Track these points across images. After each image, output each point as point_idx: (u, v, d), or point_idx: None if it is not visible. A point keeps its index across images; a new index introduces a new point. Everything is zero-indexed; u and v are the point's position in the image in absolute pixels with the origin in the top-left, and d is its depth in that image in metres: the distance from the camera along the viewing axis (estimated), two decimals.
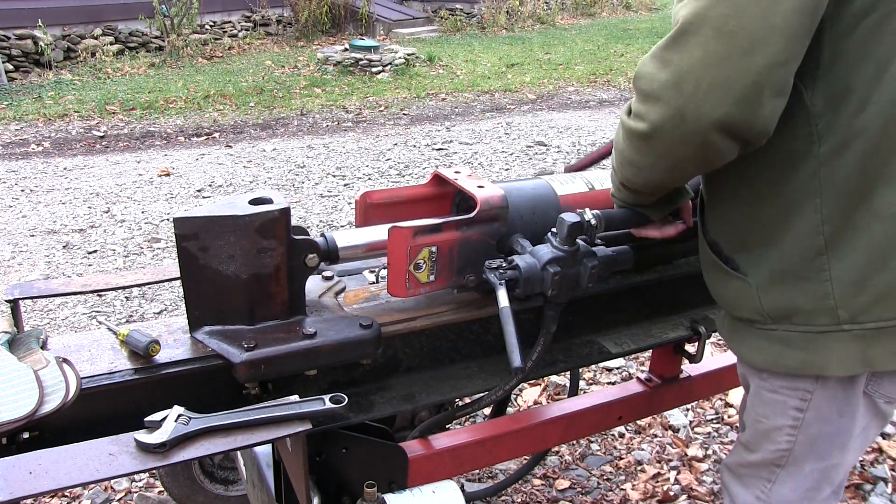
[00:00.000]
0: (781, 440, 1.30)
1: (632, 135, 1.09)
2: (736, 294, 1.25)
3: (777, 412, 1.27)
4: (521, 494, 2.44)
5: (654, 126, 1.03)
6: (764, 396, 1.29)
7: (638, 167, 1.16)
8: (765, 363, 1.23)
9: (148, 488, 2.46)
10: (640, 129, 1.06)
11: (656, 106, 1.02)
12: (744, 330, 1.27)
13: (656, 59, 1.01)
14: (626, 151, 1.15)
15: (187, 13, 10.50)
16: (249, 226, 1.28)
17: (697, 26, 0.95)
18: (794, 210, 1.12)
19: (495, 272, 1.34)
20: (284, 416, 1.19)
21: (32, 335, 1.31)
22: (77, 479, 1.03)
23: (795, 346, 1.18)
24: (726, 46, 0.94)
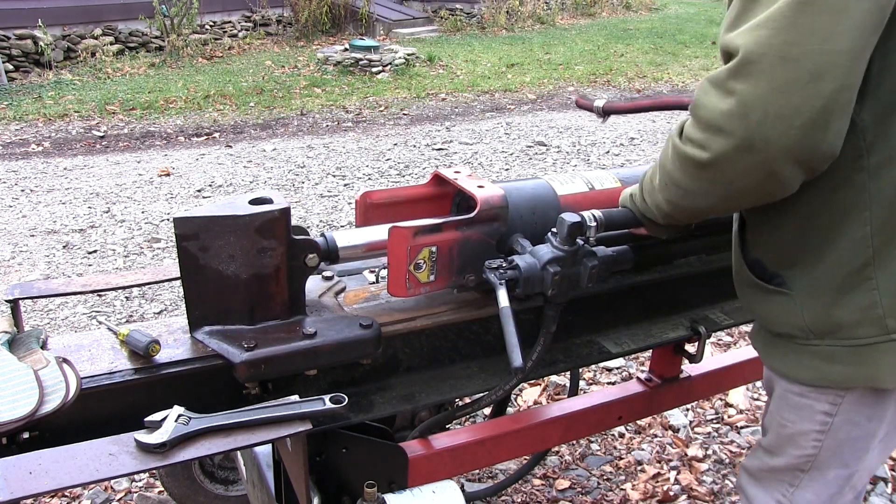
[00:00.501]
0: (807, 445, 1.29)
1: (688, 161, 1.08)
2: (777, 310, 1.25)
3: (804, 417, 1.27)
4: (521, 494, 2.44)
5: (717, 156, 1.02)
6: (791, 400, 1.28)
7: (687, 191, 1.15)
8: (809, 378, 1.23)
9: (148, 488, 2.46)
10: (699, 157, 1.05)
11: (719, 136, 1.00)
12: (783, 345, 1.27)
13: (718, 88, 1.00)
14: (675, 175, 1.14)
15: (187, 13, 10.50)
16: (249, 226, 1.28)
17: (761, 55, 0.95)
18: (843, 223, 1.13)
19: (495, 272, 1.34)
20: (285, 416, 1.19)
21: (32, 335, 1.31)
22: (77, 479, 1.03)
23: (840, 361, 1.18)
24: (793, 74, 0.93)
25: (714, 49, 12.44)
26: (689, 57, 11.80)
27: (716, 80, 1.01)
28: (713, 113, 1.00)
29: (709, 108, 1.01)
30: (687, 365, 1.97)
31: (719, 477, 2.56)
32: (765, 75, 0.95)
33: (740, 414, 2.91)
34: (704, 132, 1.03)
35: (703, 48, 12.55)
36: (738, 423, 2.85)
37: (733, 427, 2.83)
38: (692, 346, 1.87)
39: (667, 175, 1.17)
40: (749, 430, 2.80)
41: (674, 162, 1.12)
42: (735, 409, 2.94)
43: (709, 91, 1.02)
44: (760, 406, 2.97)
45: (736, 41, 0.98)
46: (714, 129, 1.01)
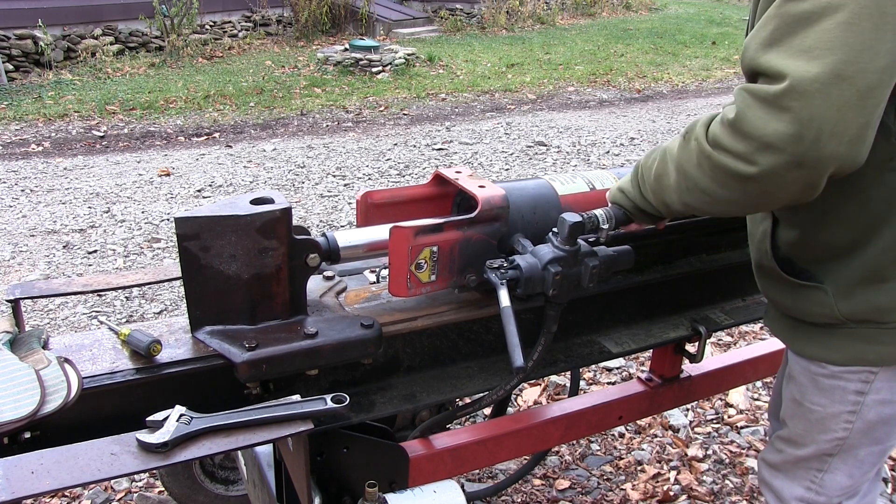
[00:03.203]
0: (838, 428, 1.32)
1: (727, 173, 1.07)
2: (808, 302, 1.28)
3: (835, 399, 1.30)
4: (522, 494, 2.44)
5: (765, 171, 1.02)
6: (821, 384, 1.31)
7: (716, 199, 1.13)
8: (843, 359, 1.26)
9: (148, 488, 2.46)
10: (743, 171, 1.04)
11: (769, 153, 1.00)
12: (813, 330, 1.30)
13: (768, 105, 1.00)
14: (704, 182, 1.12)
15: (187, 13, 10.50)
16: (251, 226, 1.28)
17: (816, 75, 0.96)
18: (878, 221, 1.17)
19: (496, 272, 1.34)
20: (286, 415, 1.19)
21: (34, 335, 1.31)
22: (79, 479, 1.03)
23: (878, 342, 1.22)
24: (847, 93, 0.96)
25: (714, 49, 12.44)
26: (689, 57, 11.80)
27: (765, 97, 1.00)
28: (763, 130, 1.00)
29: (756, 124, 1.00)
30: (687, 365, 1.97)
31: (719, 477, 2.56)
32: (820, 95, 0.96)
33: (740, 414, 2.91)
34: (750, 146, 1.02)
35: (703, 48, 12.55)
36: (738, 423, 2.85)
37: (733, 427, 2.83)
38: (692, 346, 1.87)
39: (690, 180, 1.15)
40: (749, 430, 2.80)
41: (704, 170, 1.10)
42: (735, 409, 2.94)
43: (754, 106, 1.01)
44: (760, 406, 2.97)
45: (783, 63, 0.98)
46: (763, 144, 1.00)
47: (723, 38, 13.50)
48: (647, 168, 1.30)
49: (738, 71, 10.93)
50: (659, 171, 1.24)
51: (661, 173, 1.23)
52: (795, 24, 0.99)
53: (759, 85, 1.01)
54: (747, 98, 1.02)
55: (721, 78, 10.50)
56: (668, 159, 1.20)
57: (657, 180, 1.25)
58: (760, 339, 3.43)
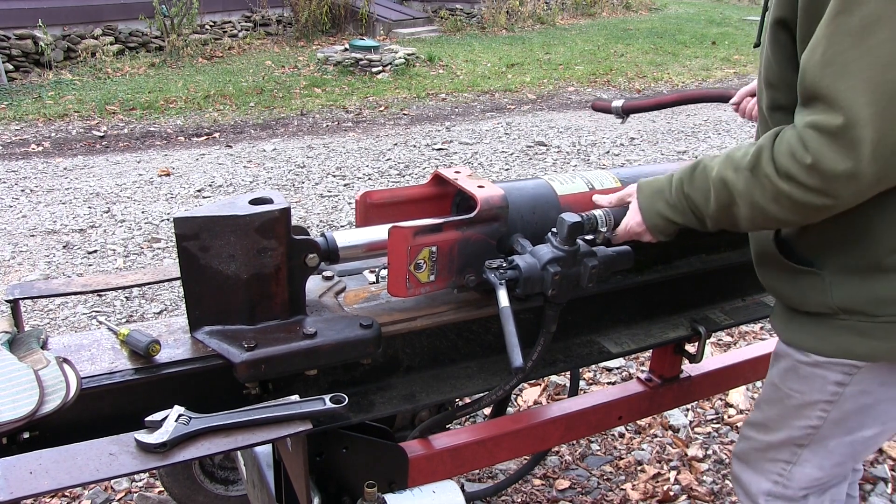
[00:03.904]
0: (812, 415, 1.31)
1: (810, 208, 1.09)
2: (804, 289, 1.27)
3: (815, 387, 1.29)
4: (521, 494, 2.44)
5: (849, 200, 1.06)
6: (802, 371, 1.30)
7: (792, 223, 1.20)
8: (832, 351, 1.25)
9: (148, 488, 2.46)
10: (827, 204, 1.07)
11: (852, 184, 1.02)
12: (805, 320, 1.29)
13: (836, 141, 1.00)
14: (781, 215, 1.13)
15: (187, 13, 10.49)
16: (250, 226, 1.28)
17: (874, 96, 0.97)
18: (878, 210, 1.15)
19: (495, 272, 1.34)
20: (285, 416, 1.19)
21: (33, 335, 1.31)
22: (78, 479, 1.03)
23: (870, 335, 1.20)
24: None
25: (714, 49, 12.44)
26: (689, 57, 11.80)
27: (830, 132, 1.01)
28: (841, 167, 1.01)
29: (832, 163, 1.01)
30: (687, 365, 1.97)
31: (719, 477, 2.56)
32: (881, 116, 0.97)
33: (740, 414, 2.91)
34: (832, 184, 1.04)
35: (703, 48, 12.55)
36: (737, 423, 2.85)
37: (733, 427, 2.83)
38: (692, 346, 1.87)
39: (767, 214, 1.14)
40: None
41: (783, 205, 1.11)
42: (735, 409, 2.94)
43: (825, 144, 1.02)
44: None
45: (839, 89, 0.99)
46: (843, 179, 1.02)
47: (723, 38, 13.50)
48: (700, 199, 1.26)
49: (737, 71, 10.93)
50: (723, 203, 1.21)
51: (726, 204, 1.21)
52: (846, 42, 0.99)
53: (822, 117, 1.02)
54: (816, 136, 1.02)
55: (721, 78, 10.50)
56: (733, 193, 1.17)
57: (722, 210, 1.22)
58: (760, 339, 3.43)
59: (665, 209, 1.33)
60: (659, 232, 1.38)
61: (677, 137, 7.19)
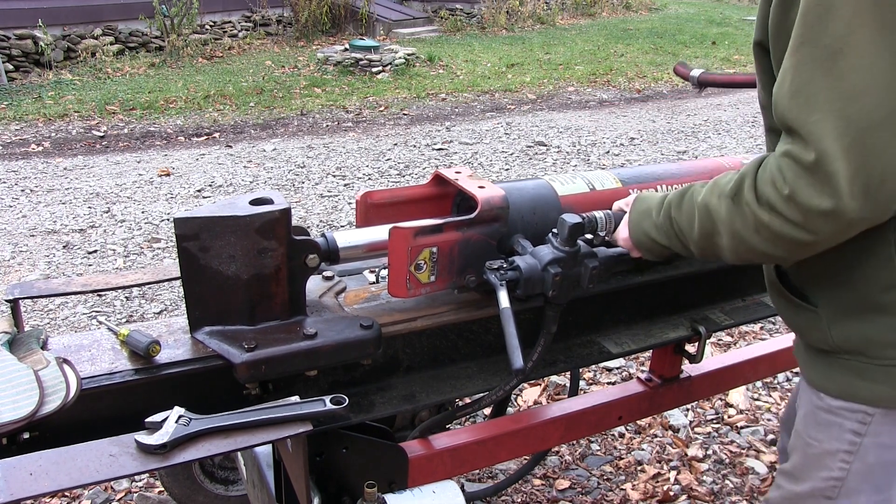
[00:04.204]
0: (834, 466, 1.23)
1: (789, 241, 1.03)
2: (805, 323, 1.23)
3: (832, 436, 1.22)
4: (521, 494, 2.44)
5: (828, 237, 1.01)
6: (819, 417, 1.24)
7: (776, 258, 1.12)
8: (838, 391, 1.20)
9: (148, 488, 2.46)
10: (803, 238, 1.01)
11: (831, 221, 0.97)
12: (815, 356, 1.24)
13: (811, 174, 0.95)
14: (762, 246, 1.07)
15: (187, 13, 10.49)
16: (250, 226, 1.28)
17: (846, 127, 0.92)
18: (869, 247, 1.10)
19: (496, 273, 1.34)
20: (285, 417, 1.19)
21: (33, 335, 1.31)
22: (78, 481, 1.03)
23: (870, 378, 1.15)
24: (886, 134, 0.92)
25: (714, 49, 12.44)
26: (689, 57, 11.79)
27: (806, 165, 0.96)
28: (816, 201, 0.96)
29: (808, 196, 0.97)
30: (687, 365, 1.97)
31: (719, 477, 2.56)
32: (856, 149, 0.92)
33: (740, 414, 2.91)
34: (808, 217, 0.98)
35: (703, 48, 12.55)
36: (738, 423, 2.85)
37: (733, 427, 2.83)
38: (692, 347, 1.87)
39: (748, 244, 1.09)
40: (749, 430, 2.80)
41: (763, 236, 1.06)
42: (735, 409, 2.94)
43: (801, 176, 0.97)
44: (760, 406, 2.97)
45: (809, 122, 0.94)
46: (820, 214, 0.96)
47: (723, 38, 13.50)
48: (685, 225, 1.22)
49: (738, 71, 10.93)
50: (706, 231, 1.16)
51: (708, 233, 1.16)
52: (811, 73, 0.95)
53: (796, 149, 0.97)
54: (793, 167, 0.98)
55: None
56: (715, 221, 1.13)
57: (705, 238, 1.18)
58: (760, 339, 3.43)
59: (651, 230, 1.29)
60: (646, 251, 1.34)
61: (677, 137, 7.19)
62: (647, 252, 1.34)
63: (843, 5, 0.92)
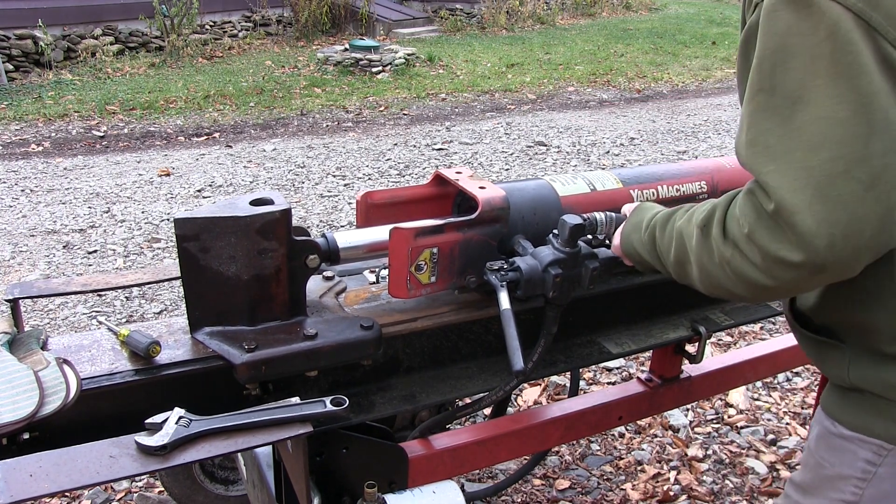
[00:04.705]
0: (846, 490, 1.19)
1: (749, 283, 0.99)
2: (823, 357, 1.19)
3: (845, 461, 1.19)
4: (521, 494, 2.44)
5: (786, 285, 0.97)
6: (833, 442, 1.20)
7: (743, 298, 1.07)
8: (853, 425, 1.16)
9: (148, 488, 2.46)
10: (765, 283, 0.98)
11: (788, 270, 0.93)
12: (833, 386, 1.21)
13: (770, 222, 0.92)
14: (727, 283, 1.04)
15: (187, 13, 10.48)
16: (250, 227, 1.28)
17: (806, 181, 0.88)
18: (888, 290, 1.06)
19: (497, 274, 1.34)
20: (285, 418, 1.19)
21: (32, 335, 1.31)
22: (78, 482, 1.03)
23: (887, 416, 1.11)
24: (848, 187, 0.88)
25: (714, 49, 12.43)
26: (689, 57, 11.79)
27: (765, 212, 0.93)
28: (773, 248, 0.93)
29: (766, 241, 0.93)
30: (687, 365, 1.97)
31: (719, 477, 2.56)
32: (817, 201, 0.88)
33: (740, 414, 2.91)
34: (766, 262, 0.95)
35: (703, 48, 12.55)
36: (738, 423, 2.85)
37: (733, 427, 2.83)
38: (692, 347, 1.87)
39: (714, 279, 1.07)
40: (749, 430, 2.80)
41: (727, 273, 1.02)
42: (735, 409, 2.94)
43: (760, 220, 0.94)
44: (760, 406, 2.97)
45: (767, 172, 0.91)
46: (777, 261, 0.93)
47: (723, 38, 13.49)
48: (665, 248, 1.21)
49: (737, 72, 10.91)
50: (679, 258, 1.15)
51: (681, 261, 1.15)
52: (768, 122, 0.92)
53: (760, 193, 0.94)
54: (753, 211, 0.95)
55: (721, 78, 10.49)
56: (687, 250, 1.11)
57: (679, 265, 1.16)
58: (760, 339, 3.43)
59: (638, 244, 1.28)
60: (637, 263, 1.32)
61: (677, 137, 7.19)
62: (636, 264, 1.33)
63: (799, 54, 0.89)
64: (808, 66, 0.89)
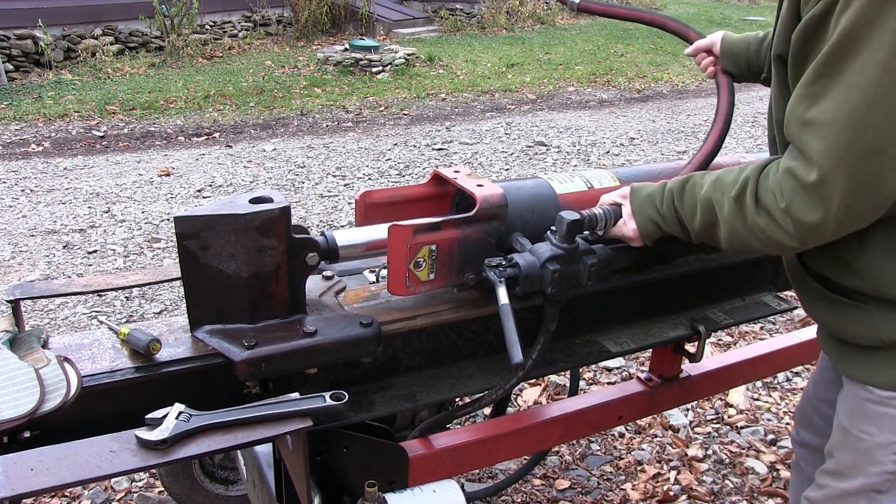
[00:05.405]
0: (887, 460, 1.24)
1: (779, 245, 1.15)
2: (850, 321, 1.24)
3: (884, 427, 1.23)
4: (521, 494, 2.44)
5: (812, 243, 1.14)
6: (869, 410, 1.24)
7: (764, 253, 1.24)
8: (888, 383, 1.21)
9: (148, 488, 2.46)
10: (793, 245, 1.13)
11: (818, 233, 1.10)
12: (856, 352, 1.25)
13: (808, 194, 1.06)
14: (755, 244, 1.19)
15: (187, 13, 10.49)
16: (250, 225, 1.28)
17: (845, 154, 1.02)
18: None
19: (495, 270, 1.34)
20: (285, 413, 1.20)
21: (33, 334, 1.31)
22: (79, 476, 1.04)
23: None
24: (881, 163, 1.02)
25: None
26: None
27: (804, 185, 1.06)
28: (809, 218, 1.07)
29: (802, 213, 1.07)
30: (687, 364, 1.97)
31: (719, 477, 2.56)
32: (852, 177, 1.02)
33: (740, 414, 2.91)
34: (799, 229, 1.10)
35: None
36: (738, 423, 2.85)
37: (733, 427, 2.83)
38: (692, 346, 1.87)
39: (742, 240, 1.20)
40: (749, 430, 2.80)
41: (757, 236, 1.17)
42: (735, 408, 2.94)
43: (798, 193, 1.07)
44: (760, 406, 2.97)
45: (814, 147, 1.03)
46: (810, 228, 1.08)
47: None
48: (688, 214, 1.31)
49: None
50: (708, 222, 1.26)
51: (710, 223, 1.26)
52: (827, 105, 1.02)
53: (799, 167, 1.06)
54: (792, 184, 1.08)
55: None
56: (717, 215, 1.23)
57: (707, 228, 1.28)
58: (760, 338, 3.43)
59: (656, 216, 1.36)
60: (648, 237, 1.40)
61: (677, 137, 7.19)
62: (648, 238, 1.41)
63: (877, 47, 0.97)
64: (887, 58, 0.97)
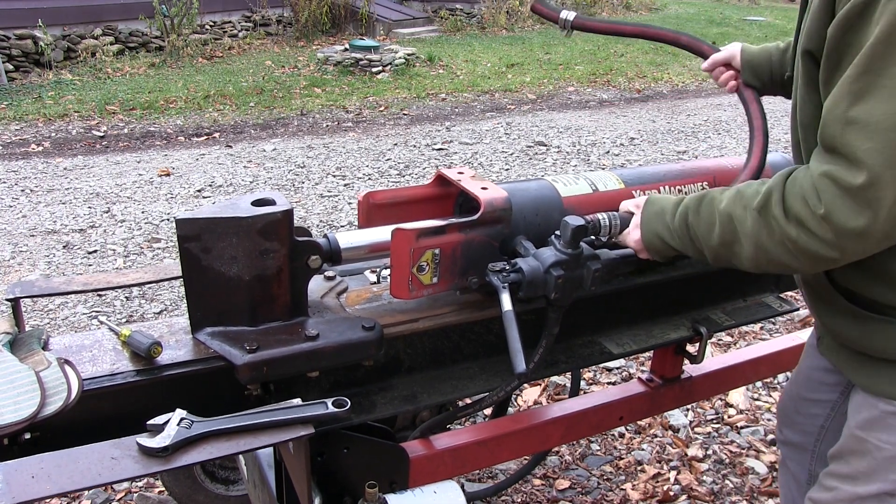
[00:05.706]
0: None
1: (813, 256, 1.08)
2: (878, 336, 1.21)
3: None
4: (522, 494, 2.44)
5: (852, 255, 1.06)
6: (890, 421, 1.23)
7: (794, 269, 1.16)
8: None
9: (148, 488, 2.46)
10: (831, 256, 1.06)
11: (859, 241, 1.02)
12: (876, 365, 1.23)
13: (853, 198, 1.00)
14: (785, 258, 1.12)
15: (187, 13, 10.47)
16: (252, 227, 1.28)
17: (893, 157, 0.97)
18: None
19: (498, 275, 1.33)
20: (287, 419, 1.19)
21: (34, 335, 1.31)
22: (80, 484, 1.03)
23: None
24: None
25: None
26: (689, 57, 11.78)
27: (848, 188, 1.00)
28: (853, 223, 1.01)
29: (844, 219, 1.01)
30: (688, 365, 1.97)
31: (719, 477, 2.56)
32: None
33: (740, 414, 2.91)
34: (840, 237, 1.03)
35: None
36: (738, 423, 2.85)
37: (733, 427, 2.83)
38: (693, 347, 1.87)
39: (771, 255, 1.13)
40: (749, 430, 2.80)
41: (788, 249, 1.10)
42: (735, 409, 2.94)
43: (841, 197, 1.01)
44: (760, 406, 2.97)
45: (862, 148, 0.98)
46: (853, 235, 1.01)
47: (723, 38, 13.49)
48: (703, 231, 1.24)
49: None
50: (727, 239, 1.19)
51: (729, 241, 1.19)
52: (872, 102, 0.97)
53: (840, 171, 1.01)
54: (832, 188, 1.02)
55: None
56: (738, 231, 1.16)
57: (725, 246, 1.20)
58: (761, 339, 3.43)
59: (664, 232, 1.31)
60: (655, 252, 1.35)
61: (677, 137, 7.19)
62: (655, 254, 1.36)
63: None
64: None
